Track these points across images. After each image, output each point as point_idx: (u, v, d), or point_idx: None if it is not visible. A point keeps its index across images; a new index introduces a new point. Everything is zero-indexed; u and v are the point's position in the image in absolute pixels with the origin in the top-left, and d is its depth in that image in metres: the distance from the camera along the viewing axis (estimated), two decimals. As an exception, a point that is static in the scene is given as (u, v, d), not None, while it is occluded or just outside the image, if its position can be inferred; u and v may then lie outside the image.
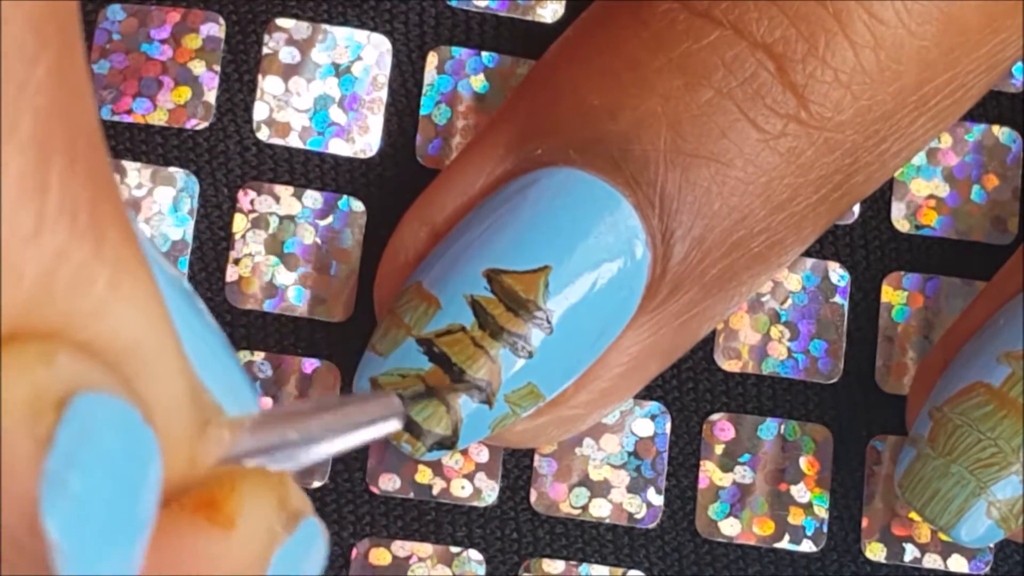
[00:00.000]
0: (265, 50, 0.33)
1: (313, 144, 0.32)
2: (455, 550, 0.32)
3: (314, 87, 0.32)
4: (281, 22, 0.33)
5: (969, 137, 0.33)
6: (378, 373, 0.29)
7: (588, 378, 0.30)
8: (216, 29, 0.33)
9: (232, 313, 0.32)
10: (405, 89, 0.33)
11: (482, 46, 0.33)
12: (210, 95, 0.32)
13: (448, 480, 0.32)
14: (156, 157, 0.32)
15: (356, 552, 0.31)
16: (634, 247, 0.29)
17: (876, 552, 0.32)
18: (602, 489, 0.32)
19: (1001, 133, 0.33)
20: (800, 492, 0.32)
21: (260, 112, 0.32)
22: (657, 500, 0.32)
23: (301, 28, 0.33)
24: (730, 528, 0.32)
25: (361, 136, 0.33)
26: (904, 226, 0.33)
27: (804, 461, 0.32)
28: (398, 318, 0.29)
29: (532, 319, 0.29)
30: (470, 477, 0.32)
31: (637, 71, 0.29)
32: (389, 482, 0.32)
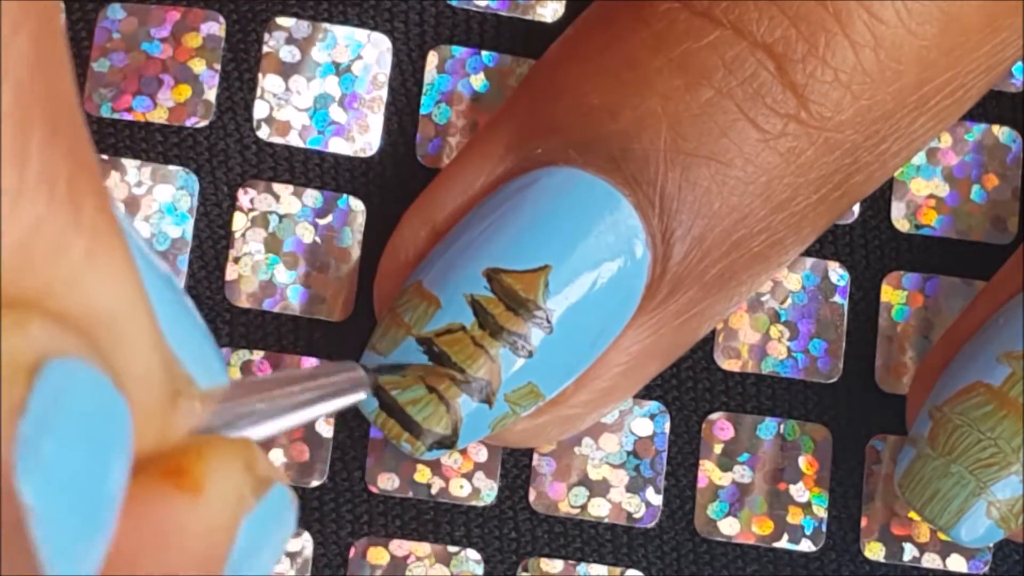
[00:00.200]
0: (265, 49, 0.32)
1: (313, 143, 0.32)
2: (453, 549, 0.32)
3: (314, 86, 0.32)
4: (281, 21, 0.33)
5: (969, 137, 0.33)
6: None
7: (588, 377, 0.30)
8: (216, 28, 0.32)
9: (231, 312, 0.32)
10: (405, 88, 0.33)
11: (482, 45, 0.33)
12: (210, 93, 0.32)
13: (447, 479, 0.32)
14: (156, 155, 0.32)
15: (354, 551, 0.31)
16: (634, 246, 0.29)
17: (875, 552, 0.32)
18: (601, 488, 0.32)
19: (1001, 133, 0.33)
20: (799, 491, 0.32)
21: (260, 111, 0.32)
22: (656, 499, 0.32)
23: (301, 27, 0.33)
24: (729, 527, 0.32)
25: (361, 135, 0.33)
26: (904, 226, 0.33)
27: (803, 460, 0.32)
28: (398, 317, 0.29)
29: (532, 318, 0.29)
30: (469, 476, 0.32)
31: (637, 71, 0.29)
32: (388, 481, 0.32)
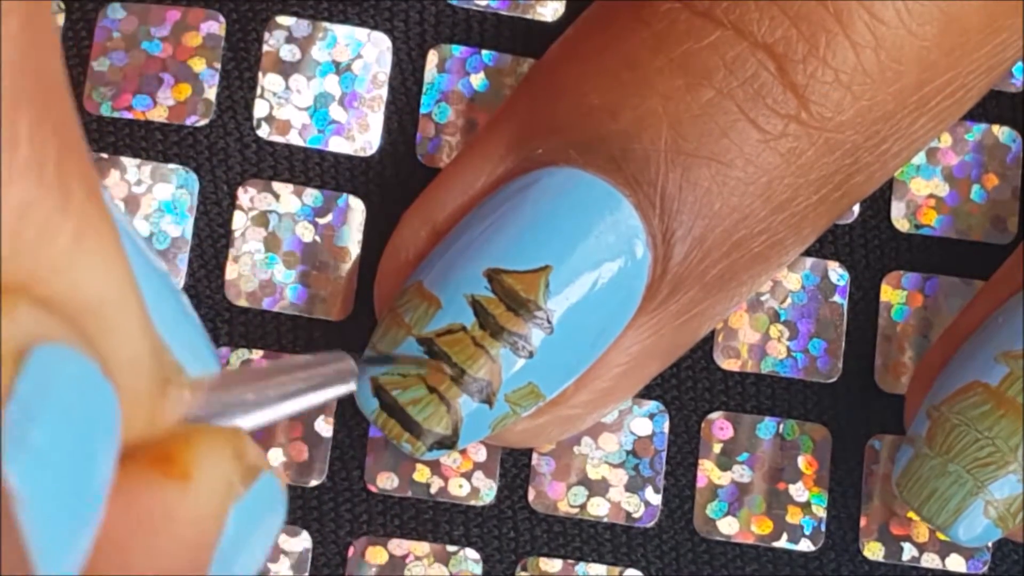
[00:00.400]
0: (265, 47, 0.32)
1: (313, 142, 0.32)
2: (452, 549, 0.32)
3: (314, 85, 0.32)
4: (281, 20, 0.33)
5: (969, 137, 0.33)
6: (378, 372, 0.29)
7: (588, 378, 0.30)
8: (216, 27, 0.32)
9: (231, 311, 0.32)
10: (405, 87, 0.33)
11: (482, 44, 0.33)
12: (210, 92, 0.32)
13: (446, 479, 0.32)
14: (156, 154, 0.32)
15: (353, 550, 0.31)
16: (635, 247, 0.29)
17: (874, 551, 0.32)
18: (600, 488, 0.32)
19: (1001, 133, 0.33)
20: (798, 491, 0.32)
21: (260, 109, 0.32)
22: (655, 499, 0.32)
23: (301, 26, 0.33)
24: (728, 527, 0.32)
25: (361, 134, 0.32)
26: (904, 225, 0.33)
27: (802, 460, 0.32)
28: (398, 317, 0.29)
29: (532, 319, 0.29)
30: (468, 476, 0.32)
31: (638, 71, 0.29)
32: (387, 480, 0.32)
